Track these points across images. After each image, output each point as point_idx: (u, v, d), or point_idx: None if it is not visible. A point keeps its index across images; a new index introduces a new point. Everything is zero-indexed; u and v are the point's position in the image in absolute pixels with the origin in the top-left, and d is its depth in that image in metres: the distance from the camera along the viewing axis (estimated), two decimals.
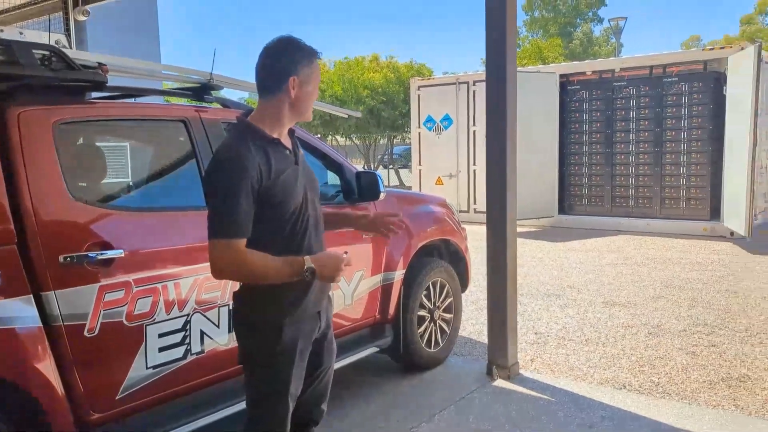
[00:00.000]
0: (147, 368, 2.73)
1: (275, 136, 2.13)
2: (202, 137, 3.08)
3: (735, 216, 9.33)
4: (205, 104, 3.38)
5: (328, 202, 3.62)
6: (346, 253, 2.12)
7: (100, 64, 2.79)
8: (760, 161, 9.55)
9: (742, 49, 9.57)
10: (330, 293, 2.40)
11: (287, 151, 2.16)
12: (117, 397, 2.63)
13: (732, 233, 9.64)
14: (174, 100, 6.09)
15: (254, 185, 1.99)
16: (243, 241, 2.00)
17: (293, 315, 2.15)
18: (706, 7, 77.11)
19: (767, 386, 4.03)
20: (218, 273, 2.04)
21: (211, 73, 3.34)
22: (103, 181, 2.95)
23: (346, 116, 5.58)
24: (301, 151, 2.27)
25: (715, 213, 10.23)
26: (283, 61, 2.09)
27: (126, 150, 3.71)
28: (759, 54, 8.62)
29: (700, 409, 3.71)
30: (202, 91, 3.42)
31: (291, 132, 2.24)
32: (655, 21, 79.51)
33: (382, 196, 3.62)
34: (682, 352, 4.70)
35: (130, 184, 3.13)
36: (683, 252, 8.82)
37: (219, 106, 3.43)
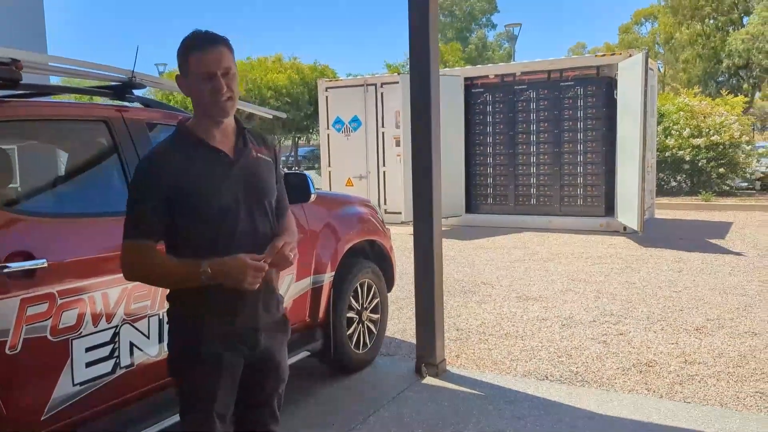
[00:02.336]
0: (74, 385, 2.56)
1: (203, 136, 2.05)
2: (125, 138, 2.92)
3: (628, 212, 9.96)
4: (126, 104, 3.21)
5: None
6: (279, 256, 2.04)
7: (13, 60, 2.58)
8: (647, 160, 10.25)
9: (631, 56, 10.23)
10: (280, 315, 2.23)
11: (219, 153, 2.05)
12: (42, 418, 2.45)
13: (625, 228, 10.29)
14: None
15: (165, 187, 1.97)
16: (147, 244, 1.99)
17: (215, 322, 2.05)
18: (588, 15, 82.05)
19: (672, 370, 4.33)
20: (124, 273, 2.06)
21: (132, 71, 3.17)
22: (22, 185, 2.73)
23: (271, 117, 5.46)
24: (256, 155, 2.14)
25: (610, 209, 10.88)
26: (178, 59, 2.06)
27: (14, 153, 3.43)
28: (646, 61, 9.24)
29: (617, 395, 3.93)
30: (123, 90, 3.24)
31: (241, 133, 2.13)
32: (543, 27, 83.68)
33: (312, 197, 3.58)
34: (595, 341, 4.96)
35: (50, 188, 2.91)
36: (584, 247, 9.32)
37: (140, 105, 3.27)
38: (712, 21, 34.22)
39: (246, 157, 2.11)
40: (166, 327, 2.90)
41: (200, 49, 1.98)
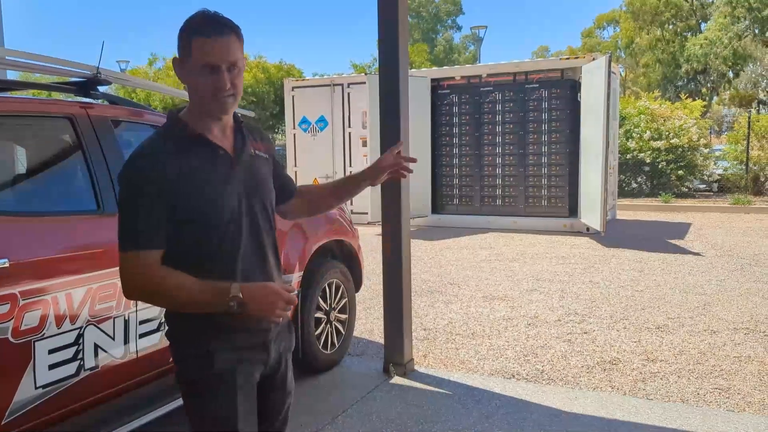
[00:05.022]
0: (36, 388, 2.50)
1: (201, 131, 1.80)
2: (90, 136, 2.86)
3: (591, 213, 10.14)
4: (91, 100, 3.14)
5: None
6: (299, 292, 1.86)
7: None
8: (609, 162, 10.45)
9: (594, 59, 10.42)
10: (288, 322, 2.01)
11: (220, 151, 1.81)
12: (3, 422, 2.38)
13: (588, 228, 10.47)
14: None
15: (164, 189, 1.71)
16: (152, 254, 1.71)
17: (226, 339, 1.81)
18: (552, 20, 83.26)
19: (635, 367, 4.43)
20: (128, 292, 1.75)
21: (97, 68, 3.10)
22: None
23: (239, 116, 5.37)
24: (254, 152, 1.92)
25: (573, 210, 11.06)
26: (178, 39, 1.79)
27: None
28: (609, 65, 9.42)
29: (582, 392, 4.00)
30: (87, 86, 3.17)
31: (239, 129, 1.90)
32: (507, 31, 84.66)
33: None
34: (560, 340, 5.04)
35: (13, 186, 2.83)
36: (548, 247, 9.46)
37: (106, 102, 3.21)
38: (671, 26, 35.08)
39: (246, 156, 1.89)
40: (131, 328, 2.89)
41: (206, 35, 1.73)
